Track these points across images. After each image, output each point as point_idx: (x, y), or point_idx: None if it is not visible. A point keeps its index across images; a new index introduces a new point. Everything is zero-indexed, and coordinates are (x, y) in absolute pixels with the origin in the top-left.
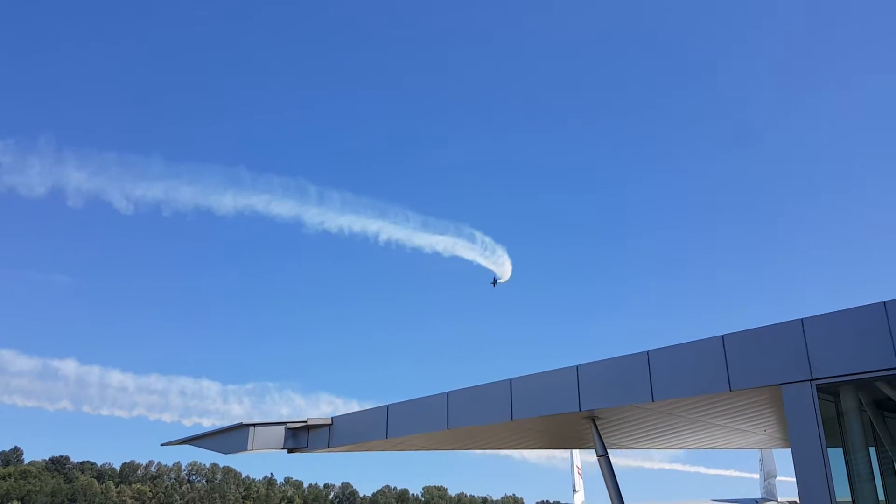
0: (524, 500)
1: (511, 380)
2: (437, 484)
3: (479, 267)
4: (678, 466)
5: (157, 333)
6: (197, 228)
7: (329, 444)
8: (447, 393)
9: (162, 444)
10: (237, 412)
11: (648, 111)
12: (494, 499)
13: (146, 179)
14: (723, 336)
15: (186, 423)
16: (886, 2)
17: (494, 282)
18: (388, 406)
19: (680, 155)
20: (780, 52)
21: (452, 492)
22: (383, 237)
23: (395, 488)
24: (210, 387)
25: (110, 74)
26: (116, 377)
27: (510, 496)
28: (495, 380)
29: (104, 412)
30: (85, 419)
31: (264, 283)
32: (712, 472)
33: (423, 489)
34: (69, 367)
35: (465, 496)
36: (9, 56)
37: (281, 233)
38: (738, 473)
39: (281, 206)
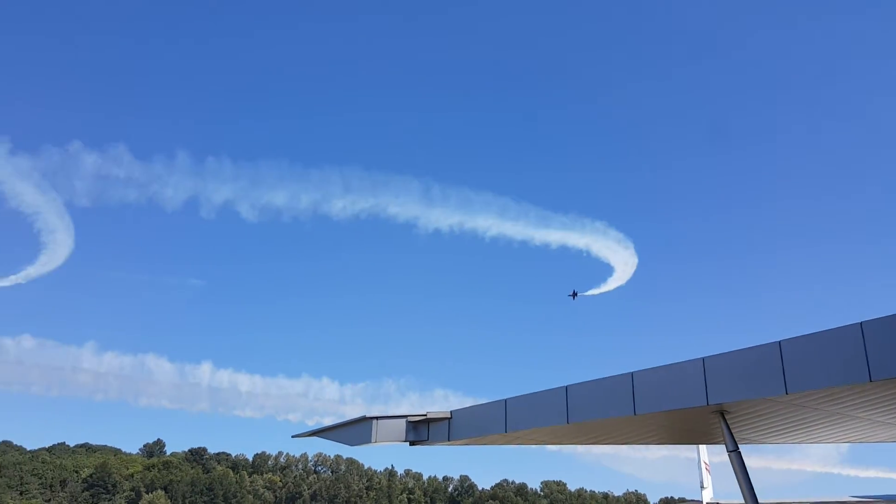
0: (647, 497)
1: (633, 373)
2: (556, 479)
3: (590, 257)
4: (807, 466)
5: (281, 335)
6: (315, 233)
7: (449, 438)
8: (566, 387)
9: (293, 436)
10: (356, 411)
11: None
12: (616, 495)
13: (270, 188)
14: (861, 323)
15: (310, 422)
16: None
17: (574, 294)
18: (506, 400)
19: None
20: None
21: (572, 487)
22: (492, 232)
23: (513, 482)
24: (329, 386)
25: (231, 83)
26: (247, 380)
27: (632, 492)
28: (612, 374)
29: (238, 413)
30: (220, 417)
31: (376, 283)
32: (846, 472)
33: (541, 483)
34: (205, 371)
35: (585, 492)
36: (145, 79)
37: (396, 233)
38: (880, 474)
39: (397, 207)
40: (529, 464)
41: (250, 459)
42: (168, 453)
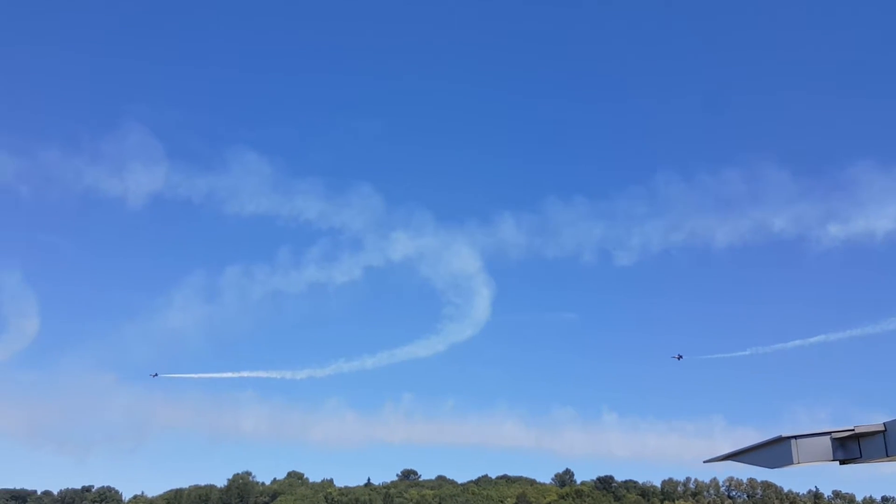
0: None
1: None
2: None
3: None
4: None
5: (660, 373)
6: (691, 267)
7: (888, 454)
8: None
9: (704, 461)
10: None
11: None
12: None
13: (641, 232)
14: None
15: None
16: None
17: (679, 357)
18: None
19: None
20: None
21: None
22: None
23: None
24: (718, 420)
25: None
26: (643, 423)
27: None
28: None
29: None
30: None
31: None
32: None
33: None
34: (611, 419)
35: None
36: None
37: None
38: None
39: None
40: None
41: (658, 486)
42: (578, 482)
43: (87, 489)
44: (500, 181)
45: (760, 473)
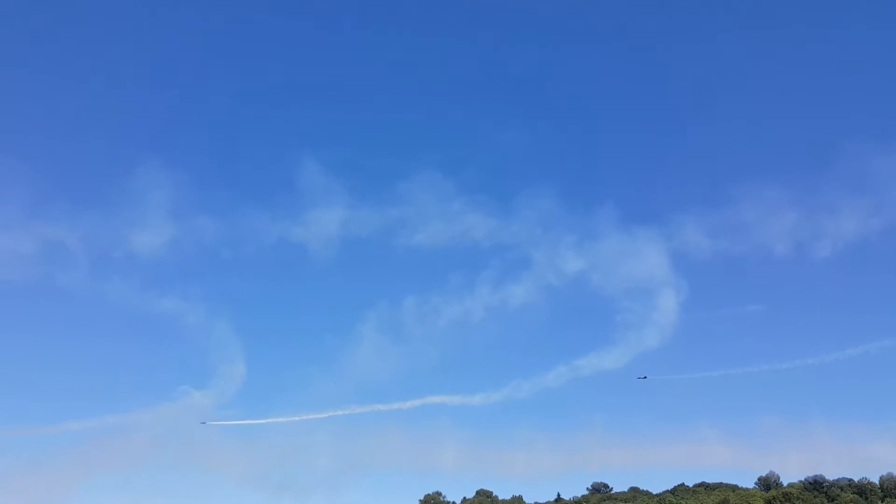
0: None
1: None
2: None
3: None
4: None
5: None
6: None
7: None
8: None
9: None
10: None
11: None
12: None
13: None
14: None
15: None
16: None
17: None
18: None
19: None
20: None
21: None
22: None
23: None
24: None
25: None
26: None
27: None
28: None
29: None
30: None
31: None
32: None
33: None
34: (818, 422)
35: None
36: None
37: None
38: None
39: None
40: None
41: (877, 483)
42: (784, 484)
43: None
44: (680, 175)
45: None
